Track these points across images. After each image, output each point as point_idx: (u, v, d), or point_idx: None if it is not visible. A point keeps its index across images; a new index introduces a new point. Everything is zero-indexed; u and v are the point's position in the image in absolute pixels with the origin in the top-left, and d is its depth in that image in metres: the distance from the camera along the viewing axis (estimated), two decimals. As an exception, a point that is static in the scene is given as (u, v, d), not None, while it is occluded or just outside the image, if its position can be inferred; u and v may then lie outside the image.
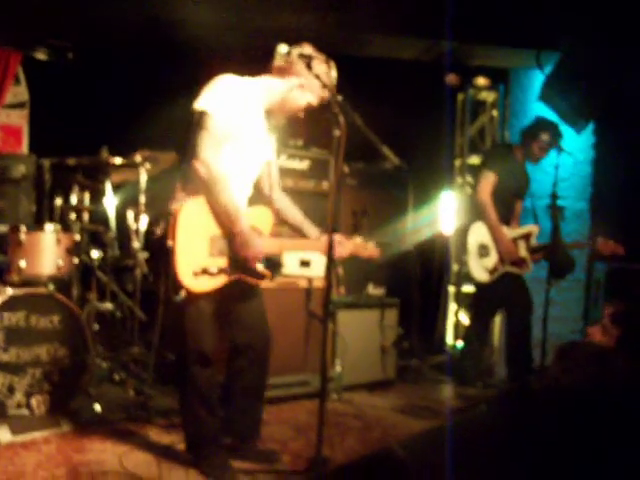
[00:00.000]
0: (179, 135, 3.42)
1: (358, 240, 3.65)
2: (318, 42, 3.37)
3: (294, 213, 3.65)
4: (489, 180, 5.11)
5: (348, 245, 3.57)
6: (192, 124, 3.16)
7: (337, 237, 3.43)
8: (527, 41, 5.55)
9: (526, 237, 5.09)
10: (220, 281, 3.22)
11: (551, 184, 4.76)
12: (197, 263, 3.13)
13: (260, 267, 3.32)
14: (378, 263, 3.79)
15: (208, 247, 3.18)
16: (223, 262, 3.22)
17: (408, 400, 4.99)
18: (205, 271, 3.15)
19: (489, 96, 6.84)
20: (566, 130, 5.48)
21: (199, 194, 3.16)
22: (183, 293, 3.12)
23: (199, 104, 3.16)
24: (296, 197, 3.82)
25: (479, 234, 5.15)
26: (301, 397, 4.71)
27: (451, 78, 6.32)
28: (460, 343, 6.42)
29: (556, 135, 5.02)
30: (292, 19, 3.52)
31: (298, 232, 3.61)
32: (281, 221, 3.65)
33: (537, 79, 5.85)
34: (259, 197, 3.56)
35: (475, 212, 5.22)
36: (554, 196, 4.69)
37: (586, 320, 5.96)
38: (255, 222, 3.33)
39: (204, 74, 3.29)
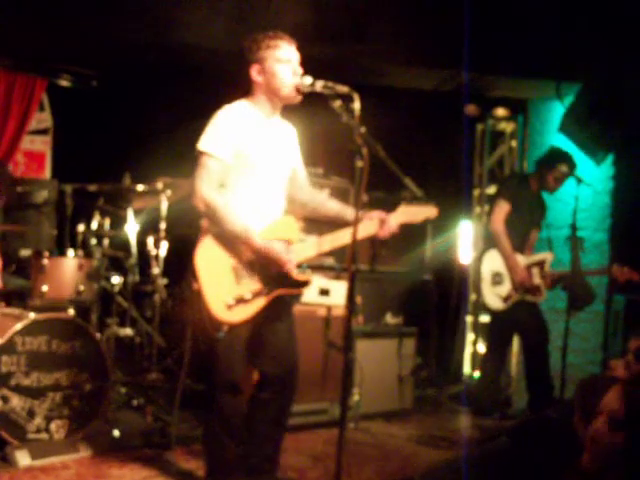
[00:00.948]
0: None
1: (403, 208, 3.44)
2: (337, 73, 3.39)
3: (330, 205, 3.53)
4: (503, 209, 5.12)
5: (394, 217, 3.39)
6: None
7: (377, 214, 3.36)
8: (547, 72, 5.57)
9: (540, 264, 5.08)
10: (259, 304, 3.20)
11: (570, 214, 4.76)
12: (228, 295, 3.14)
13: (297, 274, 3.27)
14: (433, 218, 3.48)
15: (233, 277, 3.18)
16: (255, 285, 3.21)
17: (426, 430, 4.97)
18: (239, 300, 3.15)
19: (508, 127, 6.86)
20: (585, 161, 5.48)
21: (211, 229, 3.20)
22: (225, 328, 3.13)
23: (199, 144, 3.20)
24: (315, 225, 3.83)
25: (493, 262, 5.15)
26: (318, 426, 4.70)
27: (470, 109, 6.35)
28: (477, 373, 6.39)
29: (571, 166, 5.03)
30: (311, 50, 3.56)
31: (341, 223, 3.43)
32: (321, 218, 3.57)
33: (556, 110, 5.86)
34: (292, 203, 3.51)
35: (489, 241, 5.23)
36: (574, 227, 4.69)
37: (605, 351, 5.91)
38: (280, 233, 3.30)
39: (226, 100, 3.33)
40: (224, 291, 3.14)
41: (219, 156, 3.17)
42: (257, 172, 3.27)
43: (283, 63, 3.24)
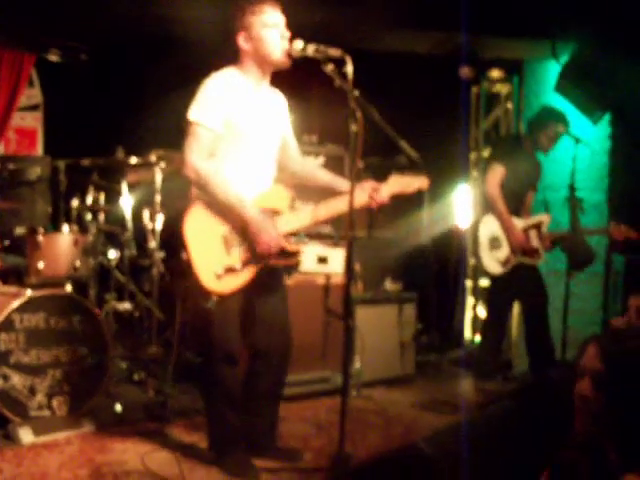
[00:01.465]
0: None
1: (394, 178, 3.43)
2: (331, 37, 3.33)
3: (321, 175, 3.53)
4: (497, 172, 5.05)
5: (386, 188, 3.38)
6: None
7: (369, 184, 3.33)
8: (542, 32, 5.49)
9: (537, 227, 5.04)
10: (248, 274, 3.19)
11: (567, 175, 4.72)
12: (217, 265, 3.12)
13: (290, 246, 3.25)
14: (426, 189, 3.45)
15: (223, 246, 3.16)
16: (245, 255, 3.19)
17: (428, 395, 4.97)
18: (229, 270, 3.13)
19: (503, 88, 6.80)
20: (582, 121, 5.43)
21: (199, 198, 3.16)
22: (214, 298, 3.11)
23: (188, 113, 3.16)
24: (311, 193, 3.79)
25: (490, 227, 5.10)
26: (321, 394, 4.70)
27: (465, 71, 6.27)
28: (478, 337, 6.40)
29: (564, 124, 4.96)
30: (304, 16, 3.50)
31: (332, 192, 3.43)
32: (311, 187, 3.56)
33: (552, 70, 5.79)
34: (282, 171, 3.48)
35: (485, 205, 5.18)
36: (572, 188, 4.65)
37: (605, 312, 5.90)
38: (271, 203, 3.28)
39: (215, 69, 3.28)
40: (213, 261, 3.12)
41: (209, 125, 3.14)
42: (247, 141, 3.24)
43: (270, 27, 3.19)
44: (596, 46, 5.18)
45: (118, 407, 4.10)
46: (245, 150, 3.24)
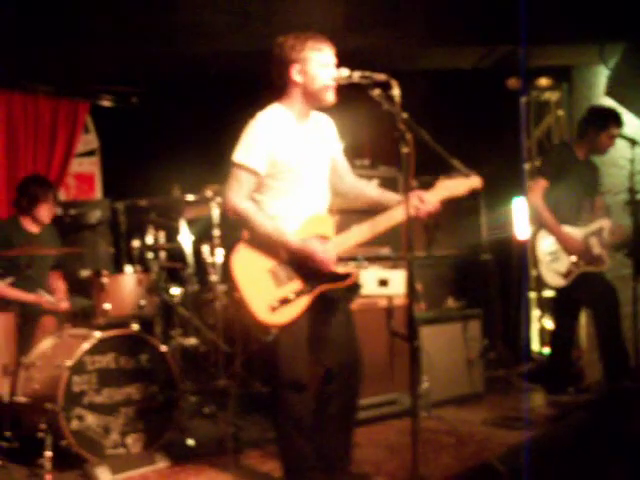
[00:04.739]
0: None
1: (441, 183, 3.36)
2: (373, 63, 3.35)
3: (370, 191, 3.53)
4: (538, 185, 4.95)
5: (432, 195, 3.33)
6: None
7: (415, 195, 3.26)
8: (589, 37, 5.42)
9: (598, 233, 4.93)
10: (304, 303, 3.20)
11: (626, 179, 4.63)
12: (270, 298, 3.14)
13: (340, 269, 3.25)
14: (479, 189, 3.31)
15: (272, 280, 3.18)
16: (297, 284, 3.20)
17: (499, 412, 4.89)
18: (283, 301, 3.15)
19: (553, 96, 6.72)
20: (636, 123, 5.33)
21: (244, 237, 3.22)
22: (274, 330, 3.14)
23: (233, 155, 3.22)
24: (367, 217, 3.79)
25: (546, 241, 5.00)
26: (390, 417, 4.67)
27: (512, 82, 6.23)
28: (547, 349, 6.28)
29: (621, 123, 4.88)
30: (344, 43, 3.53)
31: (382, 208, 3.38)
32: (364, 205, 3.55)
33: (601, 74, 5.72)
34: (334, 193, 3.49)
35: (538, 220, 5.06)
36: (632, 190, 4.55)
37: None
38: (315, 230, 3.28)
39: (262, 101, 3.32)
40: (265, 295, 3.14)
41: (252, 167, 3.19)
42: (295, 176, 3.27)
43: (324, 67, 3.23)
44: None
45: (190, 441, 4.14)
46: (294, 185, 3.27)
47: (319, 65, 3.23)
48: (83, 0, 4.77)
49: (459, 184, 3.38)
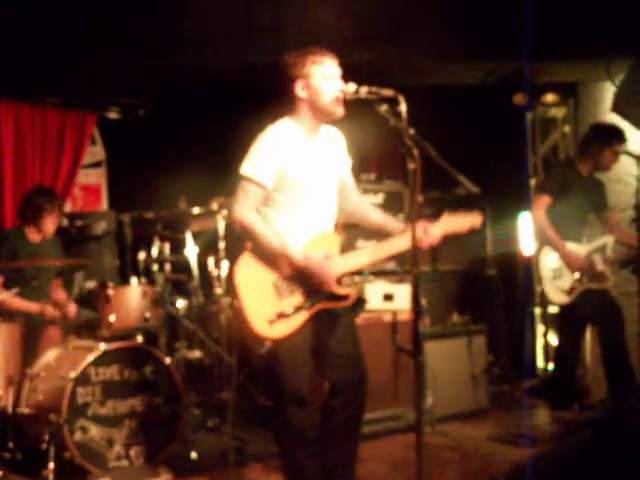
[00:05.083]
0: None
1: (446, 218, 3.38)
2: (382, 77, 3.36)
3: (374, 216, 3.53)
4: (541, 201, 4.96)
5: (437, 229, 3.33)
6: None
7: (420, 226, 3.20)
8: (595, 53, 5.43)
9: (602, 250, 4.92)
10: (301, 319, 3.19)
11: (632, 195, 4.62)
12: (269, 311, 3.13)
13: (340, 289, 3.25)
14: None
15: (274, 293, 3.18)
16: (297, 300, 3.20)
17: (503, 428, 4.87)
18: (280, 315, 3.15)
19: (559, 112, 6.73)
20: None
21: (249, 248, 3.22)
22: (268, 343, 3.14)
23: (241, 168, 3.22)
24: (374, 234, 3.80)
25: (549, 258, 5.00)
26: (394, 432, 4.67)
27: (518, 98, 6.24)
28: (551, 365, 6.26)
29: (625, 142, 4.89)
30: (352, 57, 3.54)
31: (384, 233, 3.42)
32: (366, 227, 3.56)
33: (607, 90, 5.73)
34: (339, 212, 3.49)
35: (541, 237, 5.06)
36: (638, 207, 4.54)
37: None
38: (319, 248, 3.26)
39: (270, 114, 3.33)
40: (265, 307, 3.14)
41: (260, 181, 3.19)
42: (303, 191, 3.27)
43: (328, 79, 3.24)
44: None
45: (194, 454, 4.13)
46: (302, 199, 3.28)
47: (323, 78, 3.23)
48: (90, 13, 4.79)
49: (462, 222, 3.42)
